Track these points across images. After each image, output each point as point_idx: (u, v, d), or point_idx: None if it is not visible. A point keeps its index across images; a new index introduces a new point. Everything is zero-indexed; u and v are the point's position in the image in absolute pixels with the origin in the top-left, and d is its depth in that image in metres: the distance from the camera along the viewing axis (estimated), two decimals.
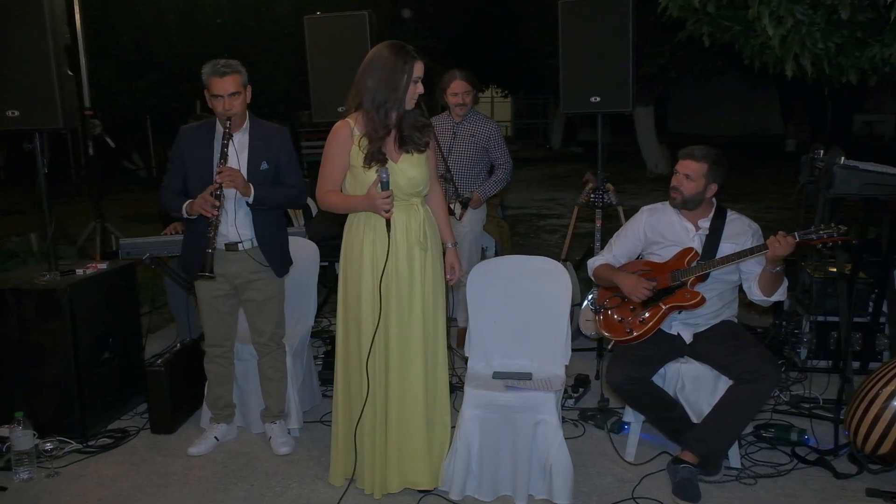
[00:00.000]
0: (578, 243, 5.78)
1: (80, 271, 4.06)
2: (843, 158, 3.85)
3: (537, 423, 3.18)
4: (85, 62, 7.15)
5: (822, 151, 4.13)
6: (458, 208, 4.48)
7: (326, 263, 5.41)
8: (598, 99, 4.56)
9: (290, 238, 4.03)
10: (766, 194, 12.12)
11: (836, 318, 4.44)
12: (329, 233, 4.77)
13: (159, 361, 3.98)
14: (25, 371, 3.88)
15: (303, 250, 4.13)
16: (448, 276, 3.33)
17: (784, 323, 4.69)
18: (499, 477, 3.28)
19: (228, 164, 3.42)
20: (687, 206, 3.50)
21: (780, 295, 3.42)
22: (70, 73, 3.93)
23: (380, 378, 3.17)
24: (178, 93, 13.83)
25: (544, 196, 12.96)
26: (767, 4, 4.22)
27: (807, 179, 4.24)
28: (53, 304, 3.81)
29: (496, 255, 5.52)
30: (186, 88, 12.73)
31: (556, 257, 4.83)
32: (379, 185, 3.00)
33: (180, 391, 4.05)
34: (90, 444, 3.87)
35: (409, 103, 3.07)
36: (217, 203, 3.35)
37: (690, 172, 3.44)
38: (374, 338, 3.12)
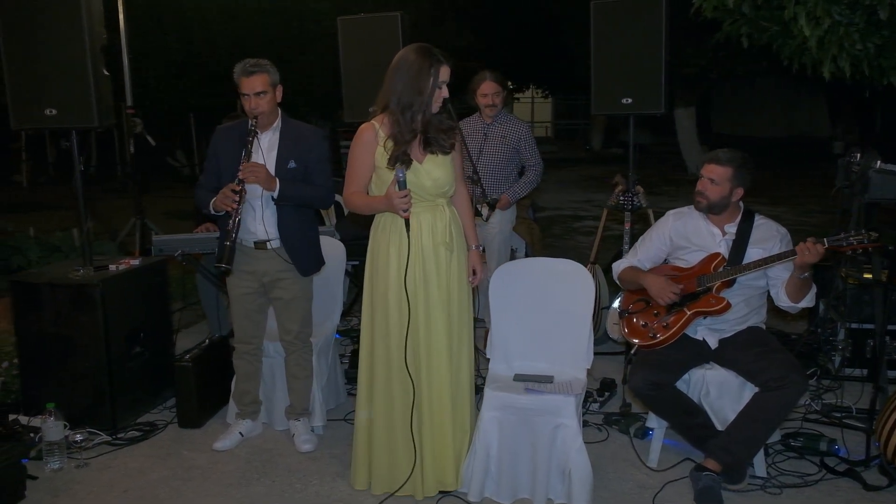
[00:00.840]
0: (611, 246, 5.73)
1: (112, 267, 4.15)
2: (878, 162, 3.76)
3: (557, 426, 3.16)
4: (128, 62, 7.31)
5: (858, 155, 4.04)
6: (485, 210, 4.48)
7: (357, 262, 5.45)
8: (630, 100, 4.52)
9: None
10: (808, 198, 11.90)
11: (872, 326, 4.34)
12: (360, 231, 4.80)
13: (187, 357, 4.04)
14: (59, 363, 3.97)
15: (330, 249, 4.16)
16: (470, 279, 3.31)
17: (818, 330, 4.60)
18: (517, 480, 3.26)
19: (253, 161, 3.47)
20: (712, 210, 3.45)
21: (808, 301, 3.35)
22: (107, 72, 4.00)
23: (421, 380, 3.19)
24: (221, 91, 14.02)
25: (581, 197, 12.87)
26: (804, 5, 4.14)
27: (843, 183, 4.16)
28: (86, 298, 3.89)
29: (526, 256, 5.50)
30: (228, 87, 12.90)
31: (588, 259, 4.82)
32: (396, 184, 3.02)
33: (208, 386, 4.11)
34: (119, 436, 3.95)
35: (435, 107, 3.08)
36: (236, 198, 3.40)
37: (715, 177, 3.39)
38: (406, 337, 3.13)
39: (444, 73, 3.05)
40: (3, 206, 11.46)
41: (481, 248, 3.34)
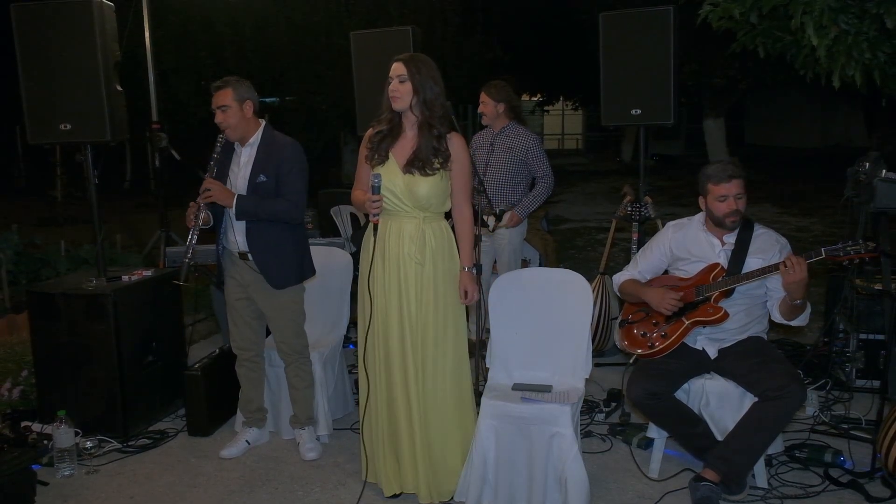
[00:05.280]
0: (624, 257, 5.71)
1: (125, 277, 4.25)
2: (884, 171, 3.72)
3: (552, 435, 3.16)
4: (153, 78, 7.47)
5: (867, 164, 4.00)
6: (491, 220, 4.50)
7: None
8: (639, 111, 4.53)
9: (324, 248, 4.12)
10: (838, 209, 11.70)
11: (884, 337, 4.27)
12: None
13: (196, 365, 4.12)
14: (73, 371, 4.07)
15: (335, 259, 4.21)
16: (462, 300, 3.31)
17: (827, 339, 4.54)
18: (515, 488, 3.27)
19: (215, 177, 3.58)
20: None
21: (801, 321, 3.33)
22: (120, 88, 4.12)
23: (379, 381, 3.31)
24: None
25: (608, 210, 12.79)
26: (811, 14, 4.11)
27: (851, 193, 4.11)
28: (99, 308, 3.99)
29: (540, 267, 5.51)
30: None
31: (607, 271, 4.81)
32: (371, 188, 3.16)
33: (218, 395, 4.18)
34: (130, 444, 4.03)
35: (393, 102, 3.20)
36: (191, 215, 3.50)
37: (741, 191, 3.36)
38: (367, 337, 3.30)
39: (392, 67, 3.20)
40: (37, 220, 11.74)
41: (474, 271, 3.33)
